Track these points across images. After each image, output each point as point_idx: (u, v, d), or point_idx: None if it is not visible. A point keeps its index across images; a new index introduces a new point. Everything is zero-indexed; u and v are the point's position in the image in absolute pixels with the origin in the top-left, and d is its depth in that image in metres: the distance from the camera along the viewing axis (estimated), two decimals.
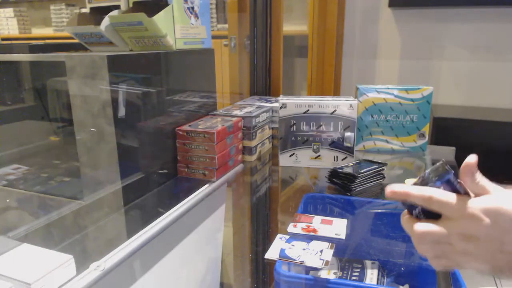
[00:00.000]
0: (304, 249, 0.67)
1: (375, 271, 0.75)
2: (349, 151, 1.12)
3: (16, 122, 1.13)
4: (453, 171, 0.42)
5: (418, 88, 1.20)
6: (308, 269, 0.66)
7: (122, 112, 0.84)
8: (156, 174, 0.98)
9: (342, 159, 1.13)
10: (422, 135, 1.24)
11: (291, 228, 0.75)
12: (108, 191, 0.87)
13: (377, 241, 0.82)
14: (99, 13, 1.05)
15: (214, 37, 1.24)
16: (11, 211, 0.92)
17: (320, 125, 1.11)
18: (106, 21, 0.96)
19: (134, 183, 0.90)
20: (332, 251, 0.66)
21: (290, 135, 1.13)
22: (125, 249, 0.70)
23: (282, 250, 0.67)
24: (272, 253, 0.66)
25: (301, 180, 1.14)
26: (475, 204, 0.40)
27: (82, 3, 3.64)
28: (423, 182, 0.43)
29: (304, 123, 1.11)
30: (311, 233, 0.73)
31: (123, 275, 0.67)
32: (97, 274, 0.62)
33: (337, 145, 1.12)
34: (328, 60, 2.25)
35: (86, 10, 1.07)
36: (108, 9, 1.02)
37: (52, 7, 3.72)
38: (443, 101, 2.28)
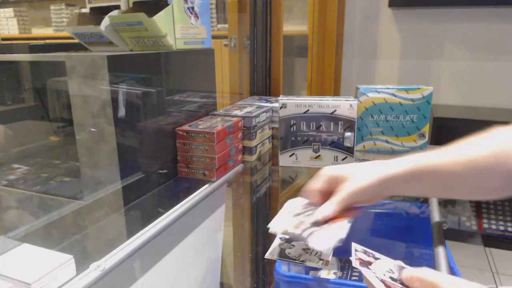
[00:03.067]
0: (304, 249, 0.67)
1: None
2: (349, 151, 1.12)
3: (16, 122, 1.13)
4: None
5: (418, 88, 1.19)
6: (308, 269, 0.66)
7: (122, 112, 0.84)
8: (156, 174, 0.98)
9: (342, 159, 1.13)
10: (422, 135, 1.24)
11: (291, 228, 0.75)
12: (108, 191, 0.87)
13: (377, 241, 0.82)
14: (99, 13, 1.05)
15: (214, 37, 1.24)
16: (11, 211, 0.92)
17: (320, 125, 1.11)
18: (106, 21, 0.96)
19: (134, 183, 0.90)
20: (332, 251, 0.66)
21: (290, 135, 1.13)
22: (125, 249, 0.70)
23: (282, 250, 0.66)
24: (272, 253, 0.66)
25: (301, 180, 1.14)
26: None
27: (82, 3, 3.64)
28: None
29: (304, 123, 1.11)
30: None
31: (123, 275, 0.67)
32: (97, 274, 0.62)
33: (337, 145, 1.12)
34: (328, 60, 2.25)
35: (86, 10, 1.07)
36: (108, 9, 1.01)
37: (52, 7, 3.72)
38: (443, 101, 2.28)
